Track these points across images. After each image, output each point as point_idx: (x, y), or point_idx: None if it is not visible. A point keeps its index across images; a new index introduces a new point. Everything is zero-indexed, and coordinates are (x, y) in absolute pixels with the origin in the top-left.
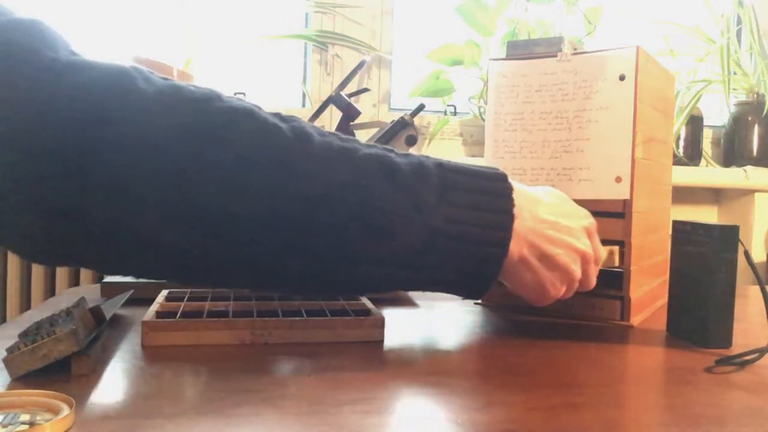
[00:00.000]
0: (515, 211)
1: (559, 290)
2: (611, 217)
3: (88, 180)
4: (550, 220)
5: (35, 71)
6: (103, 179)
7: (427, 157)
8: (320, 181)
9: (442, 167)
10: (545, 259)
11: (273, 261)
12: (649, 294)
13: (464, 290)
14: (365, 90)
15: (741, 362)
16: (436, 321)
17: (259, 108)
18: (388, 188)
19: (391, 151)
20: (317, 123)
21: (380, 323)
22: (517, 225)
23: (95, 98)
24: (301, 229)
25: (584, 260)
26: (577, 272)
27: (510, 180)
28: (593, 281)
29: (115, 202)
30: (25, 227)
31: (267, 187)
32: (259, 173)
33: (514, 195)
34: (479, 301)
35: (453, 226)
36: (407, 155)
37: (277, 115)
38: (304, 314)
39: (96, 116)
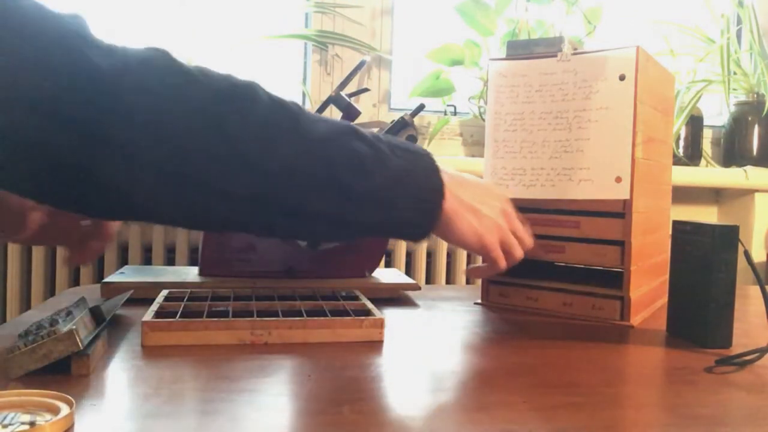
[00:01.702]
0: (440, 168)
1: (492, 238)
2: (611, 217)
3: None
4: (469, 183)
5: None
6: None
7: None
8: (314, 135)
9: (380, 134)
10: (472, 210)
11: (272, 194)
12: (649, 294)
13: (414, 228)
14: (365, 90)
15: (741, 362)
16: (436, 321)
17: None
18: (358, 143)
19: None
20: None
21: (380, 323)
22: (446, 183)
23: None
24: (310, 173)
25: (503, 212)
26: (504, 224)
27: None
28: (525, 235)
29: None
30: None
31: (270, 157)
32: (279, 130)
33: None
34: (479, 301)
35: (408, 175)
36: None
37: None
38: (304, 314)
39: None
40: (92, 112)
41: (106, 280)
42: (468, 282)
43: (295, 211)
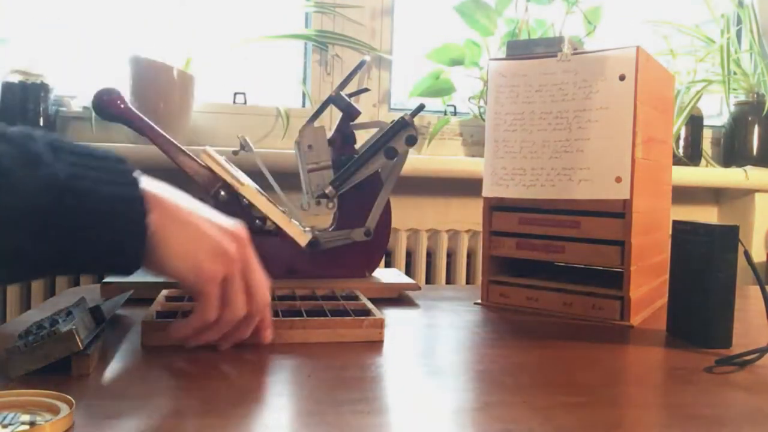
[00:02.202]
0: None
1: (215, 269)
2: (611, 217)
3: None
4: (183, 198)
5: None
6: None
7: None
8: None
9: (46, 135)
10: (189, 225)
11: None
12: (649, 294)
13: (116, 259)
14: (365, 90)
15: (741, 362)
16: (436, 321)
17: None
18: None
19: None
20: (317, 123)
21: (380, 323)
22: (148, 190)
23: None
24: None
25: (237, 242)
26: (231, 250)
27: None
28: (261, 288)
29: None
30: None
31: None
32: None
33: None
34: (479, 301)
35: (78, 182)
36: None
37: None
38: (304, 314)
39: None
40: None
41: (106, 280)
42: (468, 282)
43: None
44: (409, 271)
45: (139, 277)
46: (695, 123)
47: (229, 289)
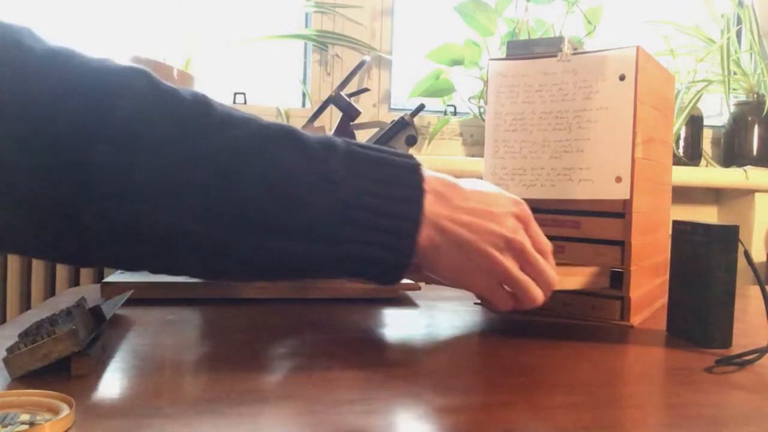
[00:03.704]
0: (426, 186)
1: (489, 281)
2: (611, 217)
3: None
4: (465, 206)
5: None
6: None
7: (333, 136)
8: (225, 149)
9: (348, 143)
10: (462, 245)
11: (183, 235)
12: (649, 294)
13: (382, 270)
14: (365, 90)
15: (741, 362)
16: (436, 321)
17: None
18: (296, 157)
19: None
20: (317, 123)
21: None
22: (427, 207)
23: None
24: (210, 198)
25: (511, 247)
26: (505, 261)
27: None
28: (545, 271)
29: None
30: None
31: (168, 152)
32: (156, 136)
33: (424, 173)
34: (479, 301)
35: (363, 198)
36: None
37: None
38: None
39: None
40: (62, 158)
41: (106, 280)
42: None
43: (212, 252)
44: None
45: (139, 277)
46: (695, 123)
47: (515, 287)
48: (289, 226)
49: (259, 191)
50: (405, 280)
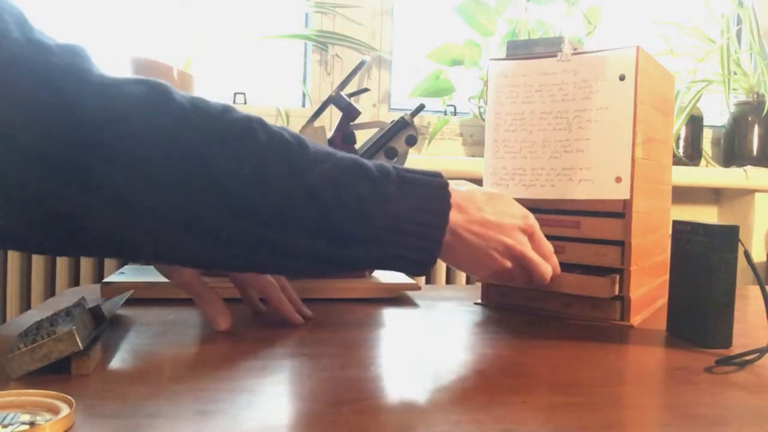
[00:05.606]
0: (451, 201)
1: (491, 276)
2: (611, 217)
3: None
4: (478, 218)
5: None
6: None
7: (384, 162)
8: (313, 177)
9: (396, 168)
10: (472, 249)
11: (261, 237)
12: (649, 294)
13: (414, 264)
14: (365, 90)
15: (741, 362)
16: (435, 321)
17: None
18: (364, 183)
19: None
20: (317, 123)
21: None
22: (450, 218)
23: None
24: (303, 215)
25: (512, 254)
26: (506, 262)
27: (447, 180)
28: (541, 269)
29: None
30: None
31: (278, 180)
32: (273, 173)
33: (451, 190)
34: (479, 301)
35: (410, 213)
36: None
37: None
38: None
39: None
40: (76, 157)
41: (106, 280)
42: (468, 282)
43: (285, 253)
44: None
45: (140, 276)
46: (695, 123)
47: (509, 283)
48: (357, 235)
49: (337, 211)
50: (406, 280)
